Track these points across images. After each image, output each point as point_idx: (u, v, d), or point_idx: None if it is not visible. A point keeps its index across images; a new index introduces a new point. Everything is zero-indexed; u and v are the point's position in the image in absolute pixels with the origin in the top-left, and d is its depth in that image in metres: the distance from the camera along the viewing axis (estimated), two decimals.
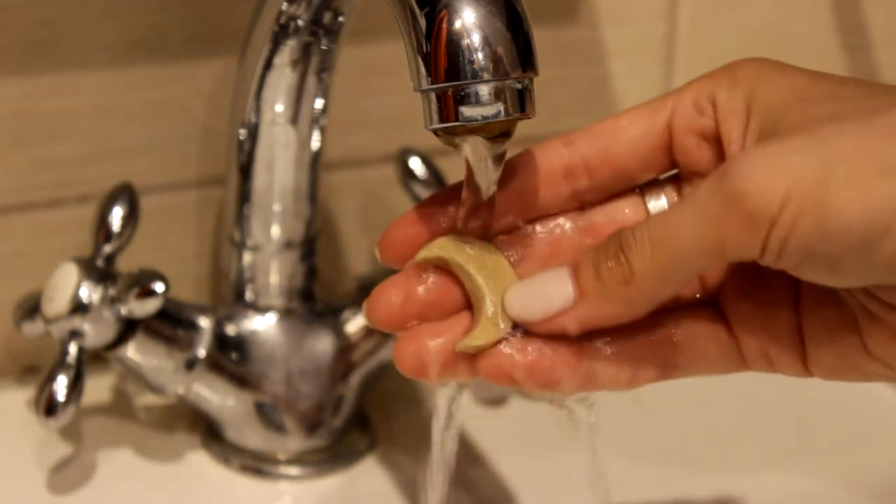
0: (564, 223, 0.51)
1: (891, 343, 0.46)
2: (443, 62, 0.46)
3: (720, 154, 0.49)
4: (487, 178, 0.49)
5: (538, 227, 0.50)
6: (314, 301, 0.66)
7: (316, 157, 0.63)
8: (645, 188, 0.51)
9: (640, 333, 0.48)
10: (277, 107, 0.61)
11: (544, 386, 0.47)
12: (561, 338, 0.47)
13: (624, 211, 0.51)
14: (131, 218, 0.62)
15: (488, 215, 0.49)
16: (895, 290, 0.45)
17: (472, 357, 0.48)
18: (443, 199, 0.50)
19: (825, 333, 0.47)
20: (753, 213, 0.43)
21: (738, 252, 0.44)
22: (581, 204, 0.51)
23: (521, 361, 0.47)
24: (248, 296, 0.65)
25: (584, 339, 0.48)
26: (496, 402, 0.70)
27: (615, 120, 0.50)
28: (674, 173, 0.51)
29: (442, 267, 0.49)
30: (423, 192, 0.68)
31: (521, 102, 0.47)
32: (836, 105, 0.45)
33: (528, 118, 0.48)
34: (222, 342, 0.64)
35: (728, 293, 0.49)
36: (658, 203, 0.51)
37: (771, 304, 0.48)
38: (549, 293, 0.47)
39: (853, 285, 0.45)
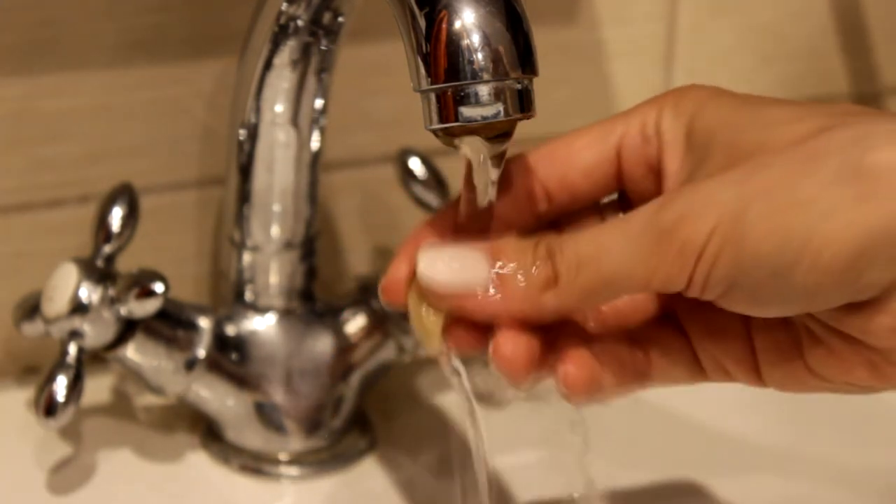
0: None
1: (827, 361, 0.47)
2: (442, 62, 0.46)
3: (662, 183, 0.50)
4: (487, 177, 0.49)
5: None
6: (314, 301, 0.66)
7: (316, 157, 0.63)
8: (603, 208, 0.52)
9: (623, 345, 0.50)
10: (277, 107, 0.61)
11: (585, 392, 0.48)
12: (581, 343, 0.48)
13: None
14: (131, 218, 0.62)
15: (487, 215, 0.49)
16: (828, 314, 0.46)
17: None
18: (437, 227, 0.50)
19: (773, 351, 0.49)
20: (682, 248, 0.44)
21: (665, 285, 0.45)
22: (545, 224, 0.51)
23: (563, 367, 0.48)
24: (248, 296, 0.65)
25: (588, 347, 0.49)
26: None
27: (568, 144, 0.51)
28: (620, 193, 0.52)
29: None
30: (423, 193, 0.68)
31: (521, 103, 0.47)
32: (765, 133, 0.46)
33: (528, 118, 0.48)
34: (222, 342, 0.64)
35: (682, 311, 0.50)
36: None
37: (722, 324, 0.49)
38: (466, 269, 0.47)
39: (774, 315, 0.47)
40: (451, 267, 0.47)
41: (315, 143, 0.63)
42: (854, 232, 0.43)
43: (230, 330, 0.64)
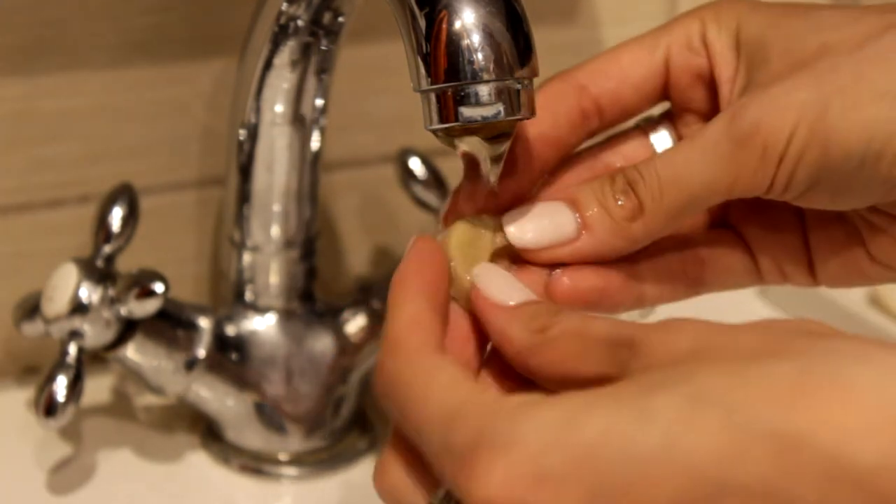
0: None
1: (892, 248, 0.49)
2: (442, 62, 0.46)
3: (712, 93, 0.51)
4: (486, 177, 0.49)
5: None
6: (314, 301, 0.66)
7: (316, 157, 0.63)
8: (645, 126, 0.52)
9: (671, 253, 0.50)
10: (277, 107, 0.61)
11: (614, 307, 0.49)
12: (615, 264, 0.49)
13: (633, 149, 0.52)
14: (131, 218, 0.62)
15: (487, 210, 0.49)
16: (894, 205, 0.48)
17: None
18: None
19: (829, 247, 0.50)
20: (764, 150, 0.46)
21: (747, 189, 0.47)
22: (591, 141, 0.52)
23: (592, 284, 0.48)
24: (248, 296, 0.65)
25: (629, 262, 0.49)
26: None
27: (616, 58, 0.51)
28: (667, 109, 0.52)
29: None
30: (423, 193, 0.68)
31: (521, 103, 0.47)
32: (823, 35, 0.47)
33: (528, 119, 0.48)
34: (222, 342, 0.64)
35: (737, 215, 0.52)
36: (660, 138, 0.52)
37: (777, 227, 0.51)
38: (554, 224, 0.48)
39: (853, 207, 0.48)
40: (539, 225, 0.48)
41: (315, 143, 0.63)
42: None
43: (230, 330, 0.64)
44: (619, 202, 0.47)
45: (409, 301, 0.44)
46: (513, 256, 0.49)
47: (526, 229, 0.48)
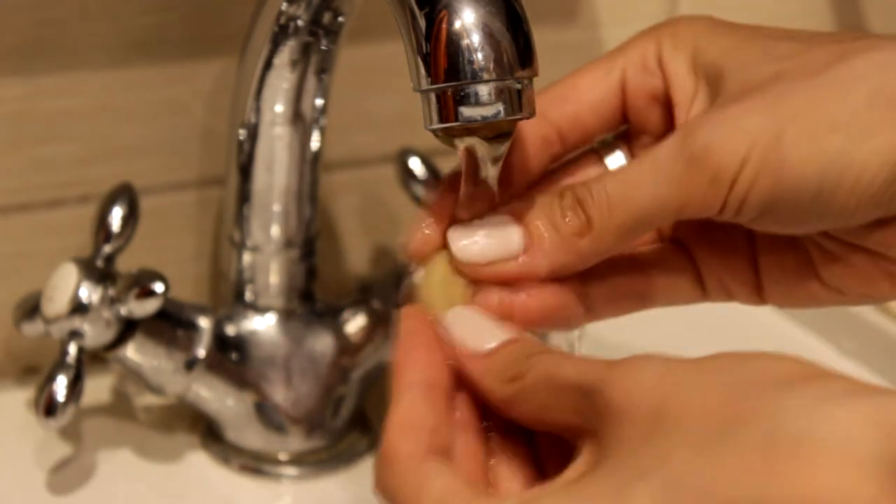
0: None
1: (844, 275, 0.49)
2: (442, 62, 0.46)
3: (668, 114, 0.50)
4: (487, 177, 0.49)
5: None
6: (314, 301, 0.66)
7: (316, 157, 0.63)
8: (599, 149, 0.52)
9: (619, 271, 0.51)
10: (277, 107, 0.61)
11: (572, 322, 0.49)
12: (566, 282, 0.49)
13: (588, 172, 0.52)
14: (131, 218, 0.62)
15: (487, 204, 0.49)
16: (848, 232, 0.48)
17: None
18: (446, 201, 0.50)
19: (779, 270, 0.50)
20: (715, 174, 0.45)
21: (697, 210, 0.46)
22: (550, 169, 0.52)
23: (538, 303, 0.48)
24: (248, 296, 0.65)
25: (579, 279, 0.49)
26: None
27: (573, 83, 0.51)
28: (623, 130, 0.52)
29: None
30: (423, 193, 0.68)
31: (521, 103, 0.47)
32: (778, 65, 0.47)
33: (528, 118, 0.48)
34: (222, 342, 0.64)
35: (687, 234, 0.51)
36: (615, 160, 0.52)
37: (726, 247, 0.51)
38: (499, 239, 0.48)
39: (806, 233, 0.48)
40: (484, 241, 0.48)
41: (315, 143, 0.63)
42: (893, 153, 0.45)
43: (230, 330, 0.64)
44: (567, 219, 0.47)
45: (404, 394, 0.45)
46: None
47: (469, 244, 0.48)
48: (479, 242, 0.48)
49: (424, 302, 0.48)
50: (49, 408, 0.60)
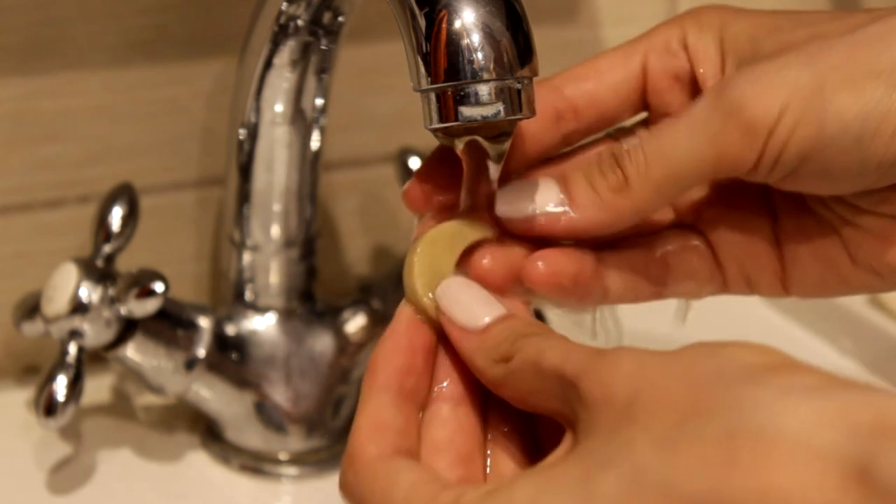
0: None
1: (878, 247, 0.49)
2: (442, 62, 0.46)
3: (693, 94, 0.50)
4: (487, 177, 0.49)
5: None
6: (314, 301, 0.66)
7: (316, 157, 0.63)
8: (618, 134, 0.52)
9: (636, 250, 0.50)
10: (277, 107, 0.61)
11: (583, 297, 0.49)
12: (586, 251, 0.49)
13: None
14: (131, 218, 0.62)
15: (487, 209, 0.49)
16: (881, 195, 0.47)
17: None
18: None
19: (807, 251, 0.50)
20: (752, 124, 0.45)
21: (733, 165, 0.46)
22: (567, 145, 0.52)
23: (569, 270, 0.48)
24: (248, 296, 0.65)
25: (601, 255, 0.49)
26: None
27: (593, 65, 0.51)
28: (644, 118, 0.52)
29: None
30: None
31: (521, 102, 0.47)
32: (813, 28, 0.47)
33: (528, 118, 0.48)
34: (222, 342, 0.64)
35: (707, 219, 0.51)
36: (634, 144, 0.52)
37: (748, 231, 0.51)
38: (539, 196, 0.48)
39: (842, 192, 0.48)
40: (526, 198, 0.48)
41: (315, 142, 0.63)
42: None
43: (230, 330, 0.64)
44: (605, 176, 0.47)
45: (372, 394, 0.45)
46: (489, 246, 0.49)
47: (514, 201, 0.48)
48: (519, 199, 0.48)
49: (409, 293, 0.48)
50: (49, 408, 0.60)
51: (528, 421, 0.46)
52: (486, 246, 0.49)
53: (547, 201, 0.48)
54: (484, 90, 0.46)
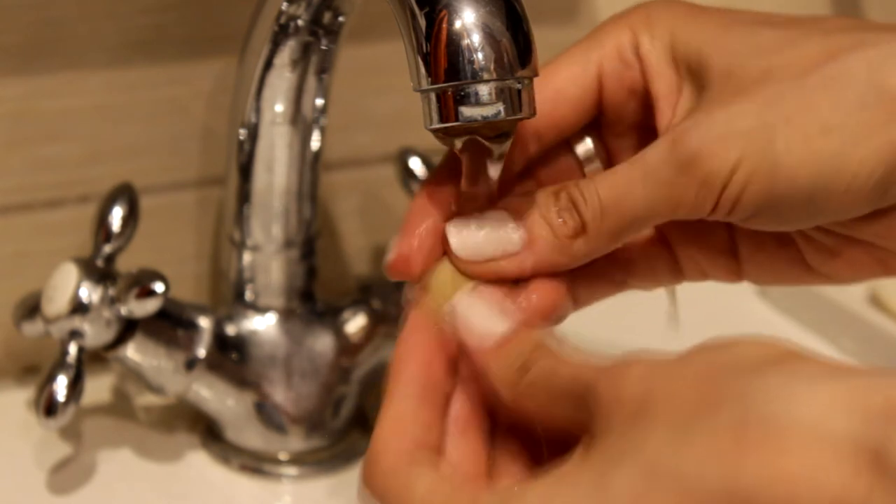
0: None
1: (834, 264, 0.49)
2: (442, 62, 0.46)
3: (646, 106, 0.50)
4: (487, 177, 0.49)
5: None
6: (314, 301, 0.66)
7: (316, 157, 0.63)
8: (572, 141, 0.52)
9: (601, 259, 0.50)
10: (277, 107, 0.61)
11: (559, 318, 0.50)
12: (557, 284, 0.49)
13: (559, 163, 0.52)
14: (131, 218, 0.62)
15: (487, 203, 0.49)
16: (840, 225, 0.48)
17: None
18: (435, 201, 0.50)
19: (762, 255, 0.51)
20: (707, 178, 0.46)
21: (689, 213, 0.47)
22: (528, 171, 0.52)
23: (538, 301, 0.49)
24: (248, 296, 0.65)
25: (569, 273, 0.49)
26: None
27: (551, 83, 0.50)
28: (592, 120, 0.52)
29: None
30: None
31: (521, 102, 0.47)
32: (766, 59, 0.47)
33: (528, 118, 0.48)
34: (222, 342, 0.64)
35: (666, 224, 0.51)
36: (585, 147, 0.52)
37: (704, 233, 0.51)
38: (497, 237, 0.48)
39: (795, 229, 0.49)
40: (481, 237, 0.48)
41: (315, 142, 0.63)
42: (886, 153, 0.45)
43: (230, 330, 0.64)
44: (562, 220, 0.48)
45: (397, 392, 0.45)
46: None
47: (468, 241, 0.48)
48: (477, 240, 0.48)
49: (432, 304, 0.48)
50: (49, 408, 0.60)
51: (535, 445, 0.46)
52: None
53: (505, 243, 0.48)
54: (484, 90, 0.46)
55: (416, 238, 0.49)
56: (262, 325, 0.65)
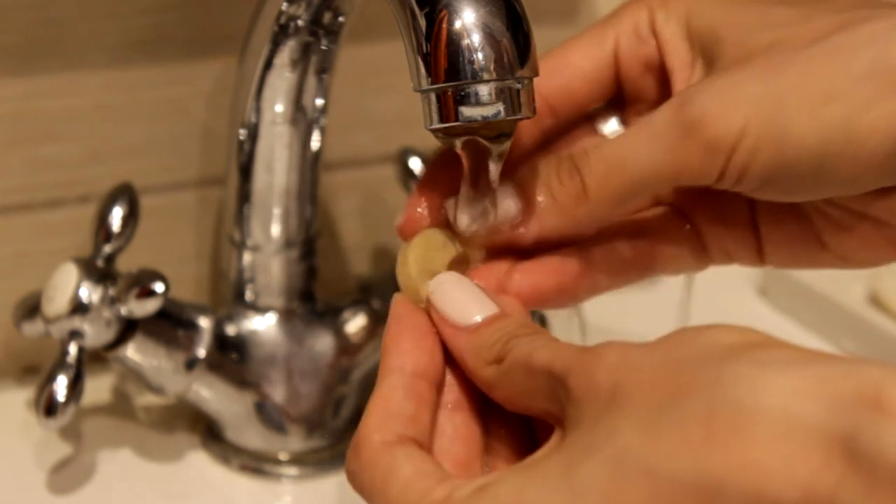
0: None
1: (849, 242, 0.49)
2: (443, 62, 0.46)
3: (663, 81, 0.50)
4: (487, 177, 0.49)
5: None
6: (314, 301, 0.66)
7: (316, 157, 0.63)
8: (594, 116, 0.52)
9: (622, 241, 0.51)
10: (277, 107, 0.61)
11: (571, 300, 0.50)
12: (568, 255, 0.49)
13: (583, 140, 0.52)
14: (131, 218, 0.62)
15: (487, 209, 0.49)
16: (852, 200, 0.48)
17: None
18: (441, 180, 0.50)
19: (781, 235, 0.50)
20: (712, 142, 0.45)
21: (694, 178, 0.46)
22: (545, 140, 0.52)
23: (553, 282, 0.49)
24: (248, 296, 0.65)
25: (583, 251, 0.50)
26: None
27: (565, 56, 0.51)
28: (616, 98, 0.52)
29: None
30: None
31: (521, 102, 0.47)
32: (776, 32, 0.47)
33: (528, 118, 0.48)
34: (222, 342, 0.64)
35: (687, 201, 0.52)
36: (610, 126, 0.52)
37: (727, 212, 0.51)
38: (498, 207, 0.48)
39: (808, 200, 0.48)
40: (482, 208, 0.48)
41: (315, 142, 0.63)
42: (894, 123, 0.44)
43: (230, 330, 0.64)
44: (563, 185, 0.47)
45: (384, 381, 0.45)
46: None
47: (469, 213, 0.48)
48: (477, 212, 0.48)
49: (403, 278, 0.48)
50: (49, 408, 0.60)
51: (527, 427, 0.46)
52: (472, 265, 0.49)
53: (506, 213, 0.48)
54: (484, 90, 0.46)
55: (424, 200, 0.49)
56: (262, 325, 0.65)
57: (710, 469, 0.36)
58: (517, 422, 0.46)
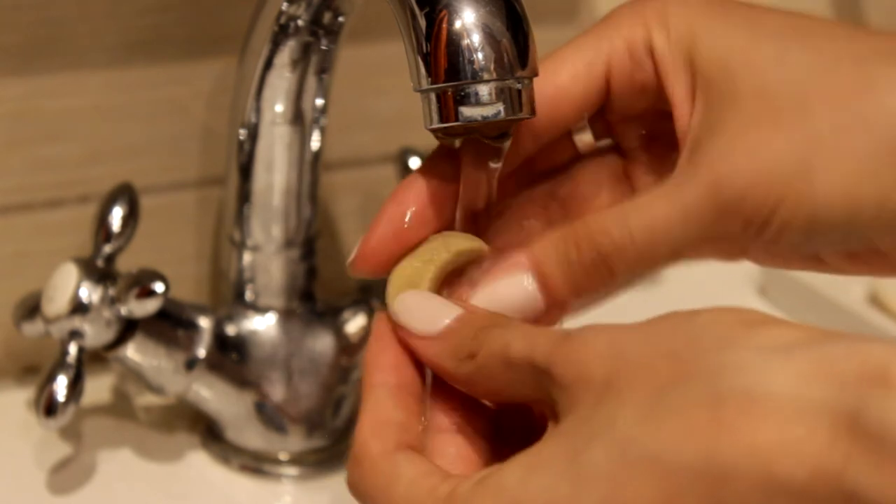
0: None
1: (853, 266, 0.48)
2: (443, 62, 0.46)
3: (656, 104, 0.49)
4: (486, 177, 0.49)
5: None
6: (314, 301, 0.66)
7: (316, 157, 0.63)
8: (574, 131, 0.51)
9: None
10: (277, 107, 0.61)
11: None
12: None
13: (559, 153, 0.51)
14: (131, 218, 0.62)
15: (486, 210, 0.49)
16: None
17: None
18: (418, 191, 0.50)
19: (775, 255, 0.49)
20: (749, 218, 0.45)
21: (723, 255, 0.47)
22: (525, 161, 0.51)
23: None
24: (248, 296, 0.65)
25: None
26: None
27: (553, 78, 0.48)
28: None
29: None
30: None
31: (521, 102, 0.47)
32: (798, 84, 0.45)
33: (528, 118, 0.48)
34: (222, 342, 0.64)
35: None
36: (584, 138, 0.50)
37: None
38: (514, 300, 0.47)
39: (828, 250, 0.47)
40: (503, 298, 0.47)
41: (315, 142, 0.63)
42: None
43: (230, 330, 0.64)
44: (590, 278, 0.46)
45: (371, 395, 0.45)
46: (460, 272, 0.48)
47: (491, 301, 0.46)
48: (499, 301, 0.46)
49: (387, 299, 0.48)
50: (49, 408, 0.60)
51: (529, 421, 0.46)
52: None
53: (529, 303, 0.46)
54: (484, 90, 0.46)
55: (378, 237, 0.49)
56: (262, 325, 0.65)
57: (719, 455, 0.36)
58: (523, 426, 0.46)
